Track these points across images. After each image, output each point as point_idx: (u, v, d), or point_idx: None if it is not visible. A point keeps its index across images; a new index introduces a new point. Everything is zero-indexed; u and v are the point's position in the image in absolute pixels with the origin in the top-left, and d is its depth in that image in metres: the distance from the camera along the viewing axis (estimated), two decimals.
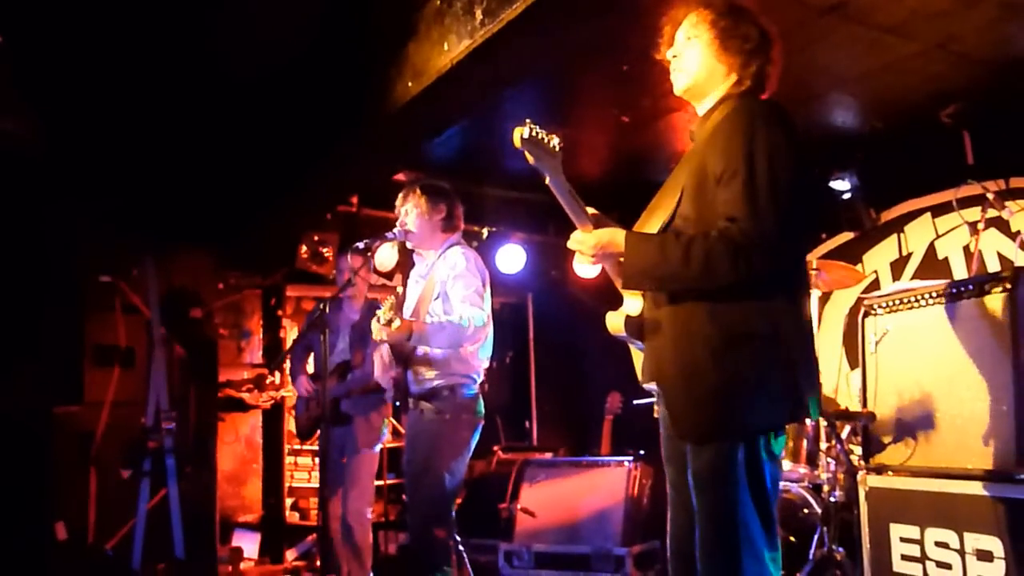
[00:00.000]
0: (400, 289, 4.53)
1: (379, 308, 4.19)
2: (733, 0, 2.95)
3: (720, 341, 2.64)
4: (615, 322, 2.95)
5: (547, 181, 2.74)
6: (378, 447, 5.79)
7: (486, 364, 4.62)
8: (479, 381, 4.55)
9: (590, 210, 2.91)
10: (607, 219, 2.95)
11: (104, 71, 5.38)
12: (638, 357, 3.01)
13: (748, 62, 2.89)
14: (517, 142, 2.63)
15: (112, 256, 6.83)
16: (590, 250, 2.85)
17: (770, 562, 2.65)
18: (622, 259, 2.78)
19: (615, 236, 2.80)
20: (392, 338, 4.22)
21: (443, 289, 4.45)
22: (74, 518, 6.32)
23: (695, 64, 2.93)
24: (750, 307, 2.64)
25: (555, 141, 2.72)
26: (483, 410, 4.53)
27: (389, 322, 4.07)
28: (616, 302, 3.03)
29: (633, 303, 2.94)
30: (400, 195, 4.70)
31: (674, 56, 2.99)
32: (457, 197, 4.72)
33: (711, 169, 2.71)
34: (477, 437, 4.49)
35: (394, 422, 6.15)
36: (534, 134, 2.65)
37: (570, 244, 2.91)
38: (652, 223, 2.88)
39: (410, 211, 4.61)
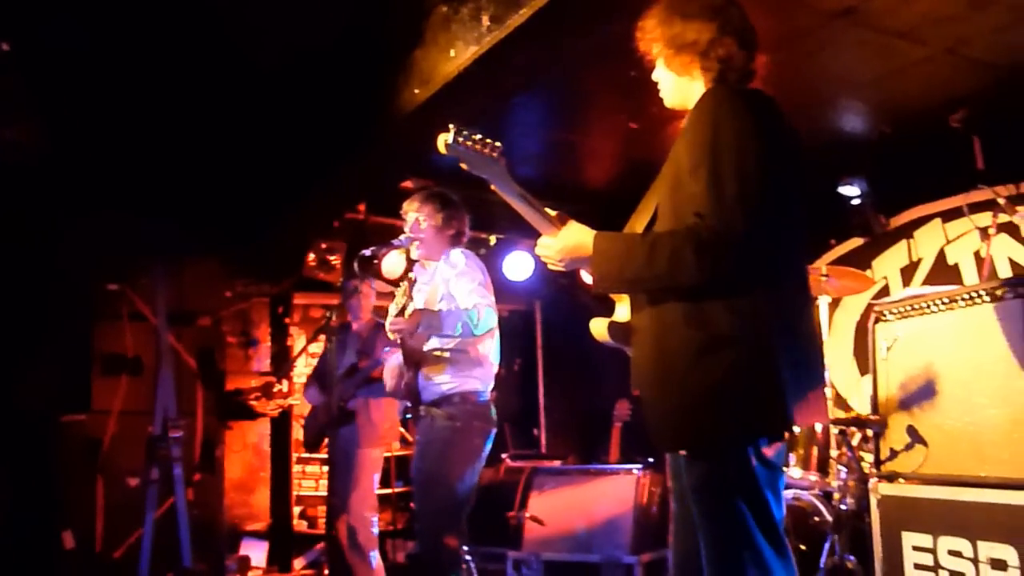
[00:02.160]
0: (412, 275, 4.48)
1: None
2: (668, 3, 2.79)
3: (697, 346, 2.48)
4: (599, 328, 2.83)
5: (493, 187, 2.62)
6: (381, 451, 5.79)
7: (495, 370, 4.61)
8: (491, 387, 4.53)
9: (552, 212, 2.76)
10: (571, 219, 2.77)
11: (114, 81, 5.38)
12: None
13: (704, 62, 2.72)
14: (441, 149, 2.52)
15: (120, 264, 6.83)
16: (556, 255, 2.72)
17: (781, 571, 2.53)
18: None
19: (582, 239, 2.66)
20: (407, 327, 4.18)
21: (447, 289, 4.43)
22: (82, 527, 6.33)
23: (666, 81, 2.85)
24: (729, 309, 2.46)
25: (492, 144, 2.59)
26: (495, 417, 4.51)
27: (402, 309, 4.01)
28: None
29: (622, 308, 2.83)
30: (414, 200, 4.64)
31: (655, 80, 2.91)
32: (467, 212, 4.70)
33: (683, 163, 2.57)
34: (490, 445, 4.46)
35: (403, 431, 6.14)
36: (461, 140, 2.53)
37: (536, 251, 2.79)
38: (638, 224, 2.79)
39: (423, 221, 4.58)
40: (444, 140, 2.52)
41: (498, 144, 2.59)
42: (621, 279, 2.62)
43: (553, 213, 2.76)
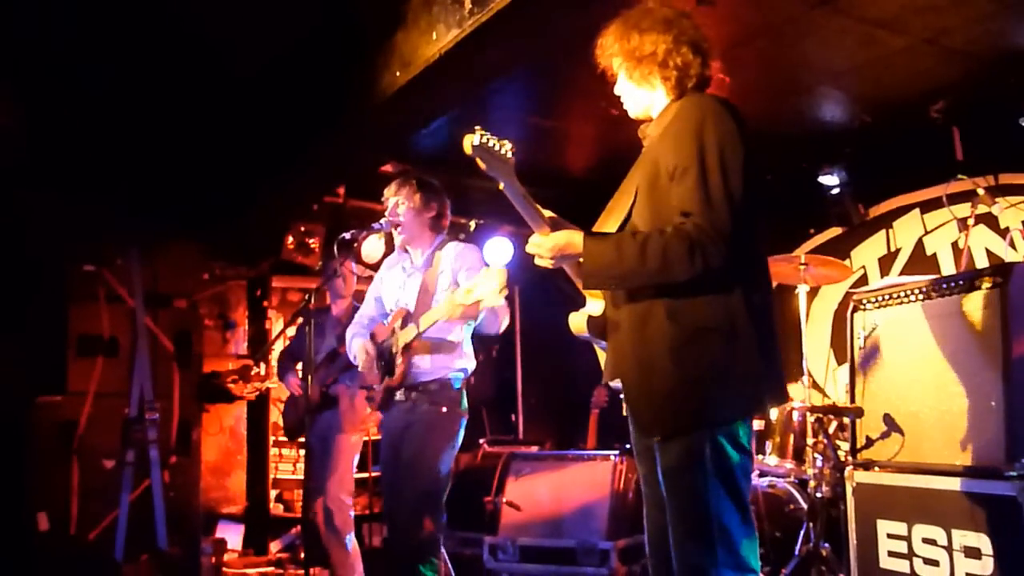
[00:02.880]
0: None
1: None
2: (624, 17, 2.97)
3: (678, 337, 2.66)
4: (577, 322, 2.99)
5: (501, 187, 2.75)
6: (360, 436, 5.79)
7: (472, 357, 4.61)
8: (469, 373, 4.53)
9: (547, 213, 2.92)
10: (564, 222, 2.97)
11: (90, 60, 5.33)
12: (603, 356, 3.05)
13: (668, 76, 2.90)
14: (468, 149, 2.64)
15: (97, 245, 6.78)
16: (548, 252, 2.85)
17: (748, 552, 2.65)
18: (581, 260, 2.79)
19: (572, 238, 2.81)
20: (459, 311, 4.06)
21: (455, 281, 4.39)
22: (57, 508, 6.29)
23: (630, 93, 3.02)
24: (707, 302, 2.66)
25: (507, 147, 2.72)
26: (467, 404, 4.51)
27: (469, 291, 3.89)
28: None
29: (595, 304, 2.98)
30: (392, 185, 4.64)
31: (617, 94, 3.08)
32: (447, 196, 4.69)
33: (663, 166, 2.74)
34: (463, 431, 4.47)
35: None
36: (484, 141, 2.65)
37: (528, 248, 2.92)
38: (608, 225, 2.92)
39: (401, 204, 4.56)
40: (470, 141, 2.63)
41: (512, 147, 2.73)
42: (611, 276, 2.76)
43: (548, 215, 2.92)
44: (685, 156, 2.67)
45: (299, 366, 6.22)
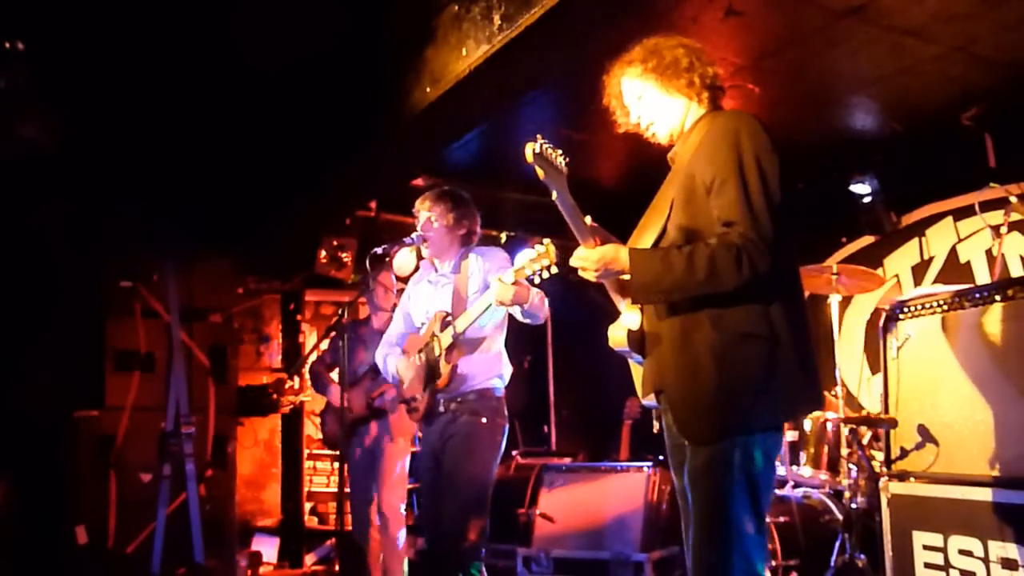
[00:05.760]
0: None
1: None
2: (643, 43, 3.08)
3: (722, 344, 2.69)
4: (618, 336, 2.98)
5: (554, 197, 2.77)
6: (406, 442, 5.80)
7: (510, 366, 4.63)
8: (507, 382, 4.54)
9: (592, 224, 2.93)
10: (607, 234, 3.00)
11: (124, 75, 5.40)
12: (637, 372, 3.05)
13: (692, 80, 2.99)
14: (529, 157, 2.66)
15: (133, 261, 6.85)
16: (593, 266, 2.85)
17: (759, 560, 2.68)
18: (626, 276, 2.80)
19: (619, 254, 2.81)
20: (511, 292, 4.02)
21: (486, 283, 4.39)
22: (94, 522, 6.35)
23: (659, 114, 3.07)
24: (749, 310, 2.69)
25: (562, 158, 2.76)
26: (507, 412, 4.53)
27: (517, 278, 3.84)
28: None
29: (631, 317, 2.98)
30: (425, 199, 4.61)
31: (638, 121, 3.12)
32: (477, 210, 4.70)
33: (700, 179, 2.79)
34: (505, 439, 4.48)
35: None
36: (545, 150, 2.68)
37: (573, 261, 2.92)
38: (643, 241, 2.93)
39: (434, 220, 4.56)
40: (532, 149, 2.65)
41: (567, 159, 2.78)
42: (660, 289, 2.77)
43: (593, 226, 2.94)
44: (723, 168, 2.73)
45: (334, 374, 6.25)
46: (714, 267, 2.63)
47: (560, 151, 2.75)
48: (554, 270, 3.16)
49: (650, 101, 3.07)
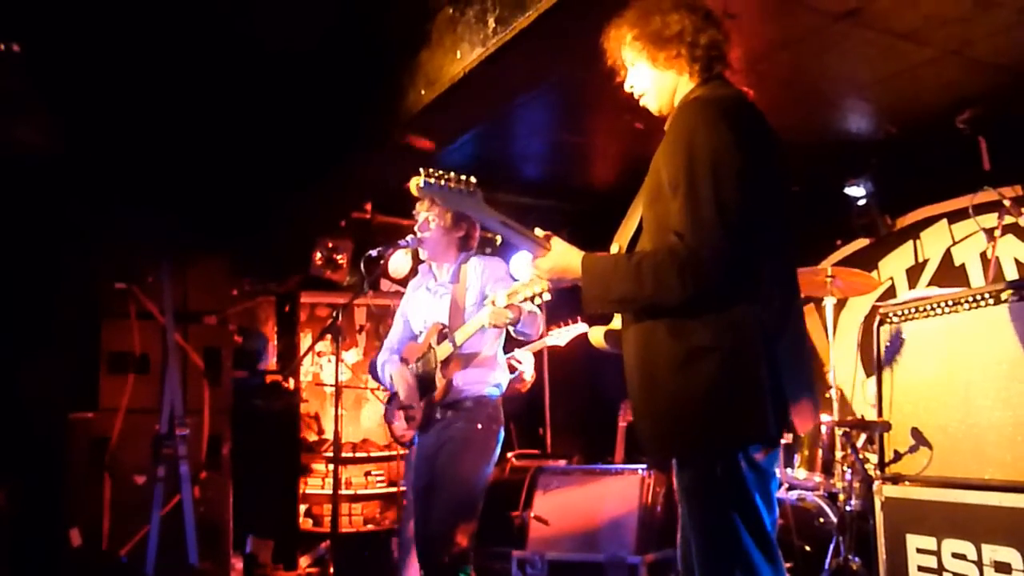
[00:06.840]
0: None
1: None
2: (640, 3, 2.84)
3: (679, 357, 2.53)
4: (596, 336, 2.92)
5: (474, 220, 2.70)
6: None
7: (506, 370, 4.63)
8: (504, 388, 4.54)
9: (541, 233, 2.80)
10: (555, 236, 2.82)
11: (119, 79, 5.40)
12: None
13: (680, 51, 2.75)
14: (414, 191, 2.58)
15: (127, 263, 6.84)
16: (545, 275, 2.79)
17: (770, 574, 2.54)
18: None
19: (571, 261, 2.72)
20: (506, 316, 4.05)
21: (484, 295, 4.39)
22: (89, 524, 6.33)
23: (650, 83, 2.87)
24: (710, 320, 2.50)
25: (467, 180, 2.62)
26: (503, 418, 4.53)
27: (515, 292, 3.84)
28: None
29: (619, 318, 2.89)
30: (423, 200, 4.58)
31: (631, 89, 2.95)
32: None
33: (665, 176, 2.62)
34: (500, 446, 4.48)
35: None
36: (433, 181, 2.57)
37: (528, 271, 2.87)
38: (625, 233, 2.83)
39: (432, 221, 4.56)
40: (416, 183, 2.56)
41: (472, 179, 2.63)
42: (609, 300, 2.68)
43: (541, 234, 2.79)
44: (677, 172, 2.54)
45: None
46: (659, 280, 2.50)
47: (461, 175, 2.62)
48: (547, 297, 3.15)
49: (639, 71, 2.87)
